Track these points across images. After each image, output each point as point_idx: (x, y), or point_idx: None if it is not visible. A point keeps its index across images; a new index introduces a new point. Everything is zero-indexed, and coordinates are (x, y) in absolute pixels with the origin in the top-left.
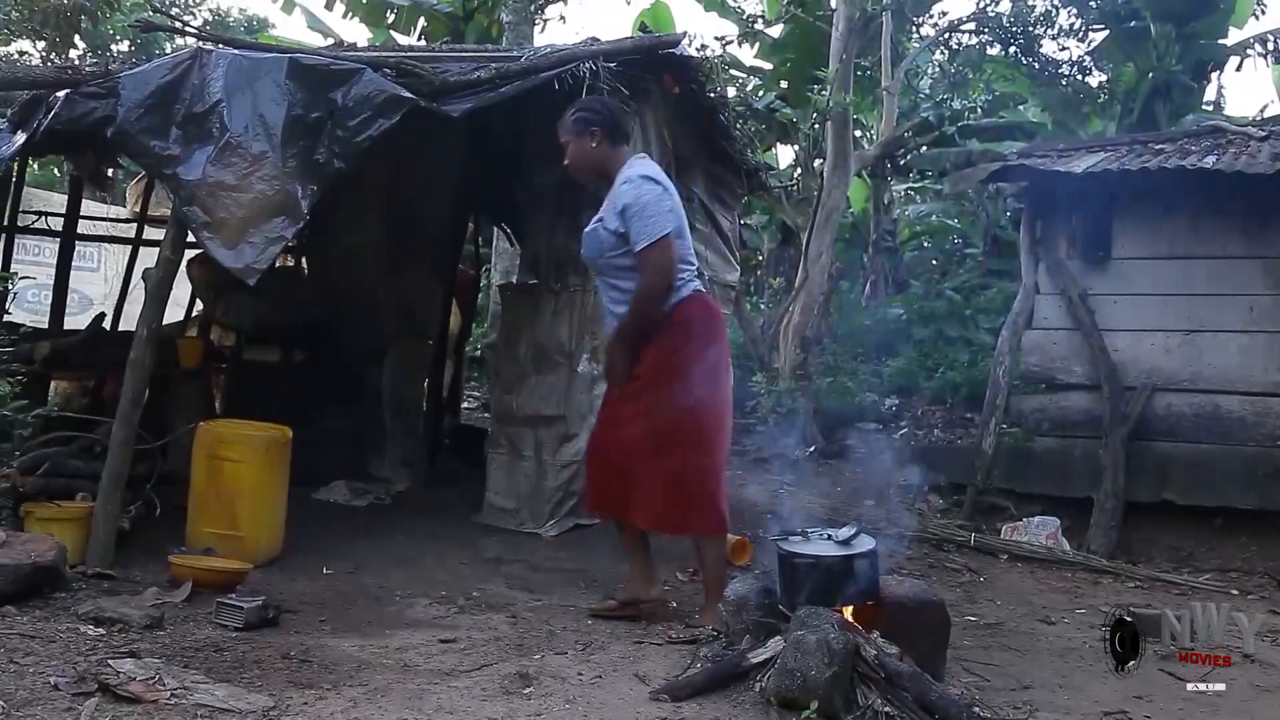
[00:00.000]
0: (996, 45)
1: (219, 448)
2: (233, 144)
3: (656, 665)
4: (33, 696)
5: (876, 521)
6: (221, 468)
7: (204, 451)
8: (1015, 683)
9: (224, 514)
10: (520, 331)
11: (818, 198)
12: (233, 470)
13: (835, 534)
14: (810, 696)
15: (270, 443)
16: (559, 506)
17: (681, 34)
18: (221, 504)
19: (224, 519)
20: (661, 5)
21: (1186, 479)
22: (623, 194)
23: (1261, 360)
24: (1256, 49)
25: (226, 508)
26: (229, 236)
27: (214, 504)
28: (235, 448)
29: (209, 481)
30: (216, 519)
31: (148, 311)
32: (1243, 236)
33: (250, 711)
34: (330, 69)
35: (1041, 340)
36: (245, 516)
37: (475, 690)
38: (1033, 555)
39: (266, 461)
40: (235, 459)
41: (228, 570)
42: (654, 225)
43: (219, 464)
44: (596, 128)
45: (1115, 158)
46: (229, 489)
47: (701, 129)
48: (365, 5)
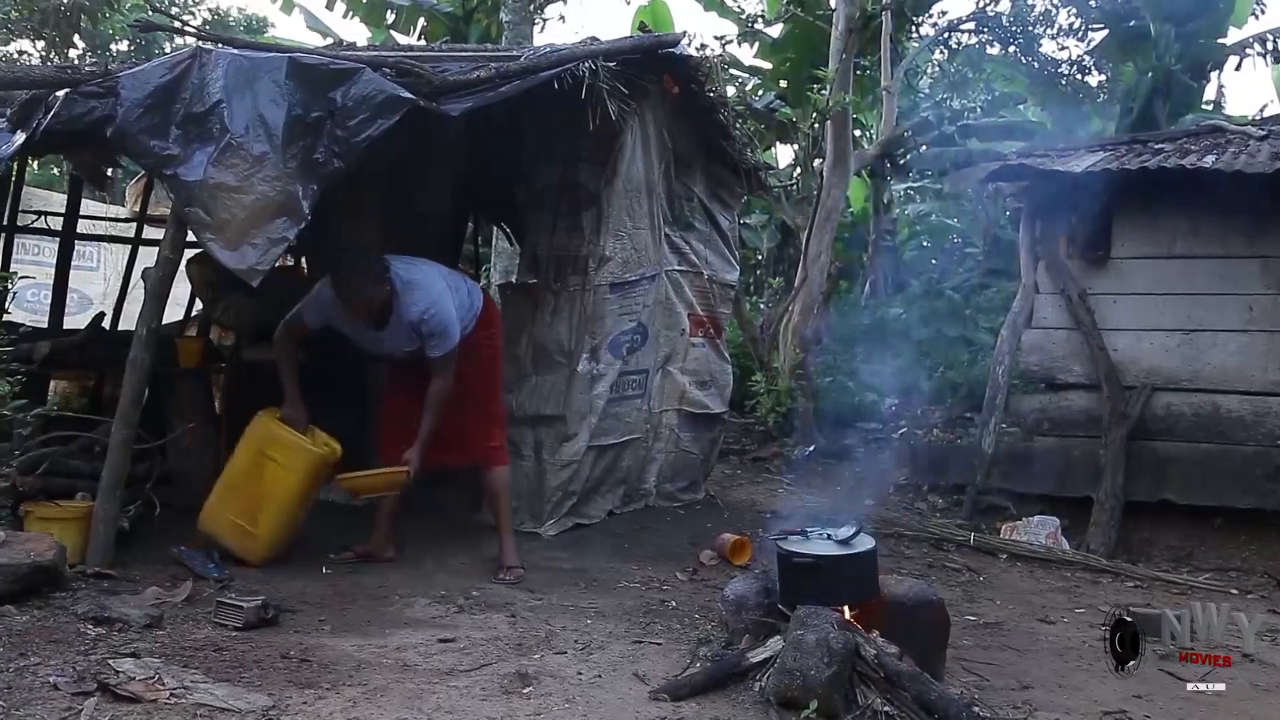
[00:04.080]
0: (996, 45)
1: (270, 445)
2: (234, 145)
3: (656, 665)
4: (32, 696)
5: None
6: (265, 466)
7: (255, 442)
8: (1015, 682)
9: (248, 508)
10: (520, 331)
11: (817, 197)
12: (274, 473)
13: (835, 533)
14: (810, 696)
15: (320, 461)
16: (558, 506)
17: (681, 33)
18: (250, 498)
19: (246, 513)
20: (661, 4)
21: (1186, 478)
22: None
23: (1261, 360)
24: (1256, 48)
25: (253, 503)
26: (231, 238)
27: (243, 495)
28: (286, 452)
29: (248, 473)
30: (239, 509)
31: (147, 311)
32: (1242, 236)
33: (250, 711)
34: (330, 69)
35: (1041, 340)
36: (267, 519)
37: (474, 690)
38: (1032, 555)
39: (309, 476)
40: (282, 464)
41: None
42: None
43: (264, 461)
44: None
45: (1115, 157)
46: (264, 489)
47: (701, 128)
48: (365, 5)
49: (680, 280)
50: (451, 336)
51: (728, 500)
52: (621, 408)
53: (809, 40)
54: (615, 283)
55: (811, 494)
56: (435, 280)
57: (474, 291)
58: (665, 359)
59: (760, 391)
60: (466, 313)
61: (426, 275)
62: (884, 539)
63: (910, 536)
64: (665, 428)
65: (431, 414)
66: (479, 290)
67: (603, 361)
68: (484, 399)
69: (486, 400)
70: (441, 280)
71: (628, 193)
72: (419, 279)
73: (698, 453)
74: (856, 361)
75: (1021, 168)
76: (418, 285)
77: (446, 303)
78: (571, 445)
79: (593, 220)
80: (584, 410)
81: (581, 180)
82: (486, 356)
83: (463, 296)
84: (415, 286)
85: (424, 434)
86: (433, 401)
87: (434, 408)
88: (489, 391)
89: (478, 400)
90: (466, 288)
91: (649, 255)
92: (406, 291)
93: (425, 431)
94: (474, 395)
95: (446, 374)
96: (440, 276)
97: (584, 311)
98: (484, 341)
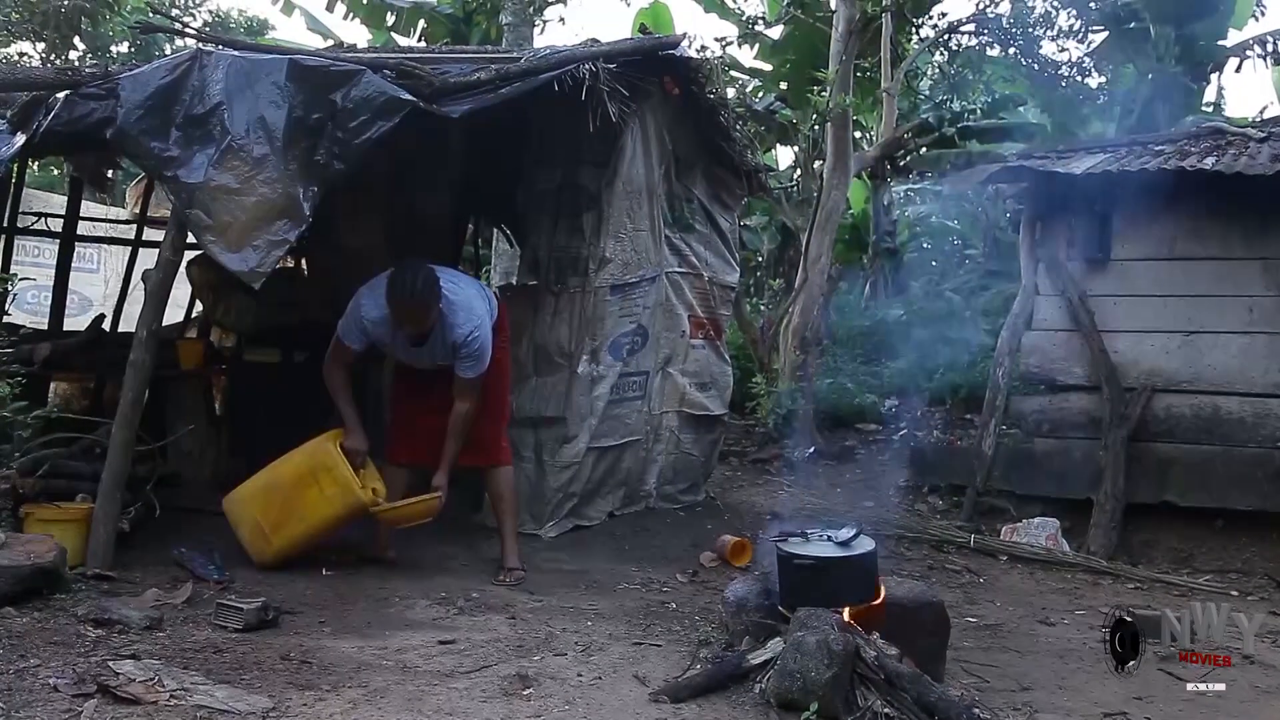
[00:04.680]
0: (996, 46)
1: (323, 473)
2: (234, 147)
3: (656, 666)
4: (32, 697)
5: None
6: (310, 488)
7: (311, 461)
8: (1015, 684)
9: (274, 517)
10: (520, 333)
11: (817, 199)
12: (315, 498)
13: (835, 535)
14: (810, 698)
15: (359, 506)
16: (559, 507)
17: (681, 35)
18: (282, 509)
19: (270, 520)
20: (661, 6)
21: (1186, 480)
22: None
23: (1261, 361)
24: (1256, 50)
25: (283, 515)
26: (232, 240)
27: (277, 503)
28: (335, 486)
29: (291, 485)
30: (268, 514)
31: (147, 313)
32: (1242, 238)
33: (250, 713)
34: (330, 70)
35: (1041, 341)
36: (288, 534)
37: (474, 691)
38: (1033, 556)
39: (347, 516)
40: (327, 494)
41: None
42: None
43: (311, 483)
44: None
45: (1115, 159)
46: (299, 508)
47: (701, 130)
48: (366, 7)
49: (680, 282)
50: (485, 360)
51: (728, 502)
52: (622, 409)
53: (809, 42)
54: (615, 284)
55: (812, 496)
56: (477, 301)
57: (492, 300)
58: (665, 361)
59: (760, 393)
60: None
61: (469, 295)
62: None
63: (910, 538)
64: (665, 429)
65: (456, 438)
66: (495, 297)
67: (603, 363)
68: (495, 401)
69: (497, 402)
70: (482, 301)
71: (628, 194)
72: (463, 299)
73: (698, 454)
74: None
75: (1022, 169)
76: (463, 306)
77: (488, 326)
78: (572, 447)
79: (593, 222)
80: (584, 412)
81: (582, 182)
82: (498, 359)
83: (489, 307)
84: (460, 308)
85: (449, 456)
86: (457, 423)
87: (458, 431)
88: (500, 394)
89: (489, 402)
90: (487, 295)
91: (649, 257)
92: (452, 312)
93: (450, 454)
94: (486, 398)
95: (473, 396)
96: (479, 295)
97: (584, 313)
98: (497, 345)
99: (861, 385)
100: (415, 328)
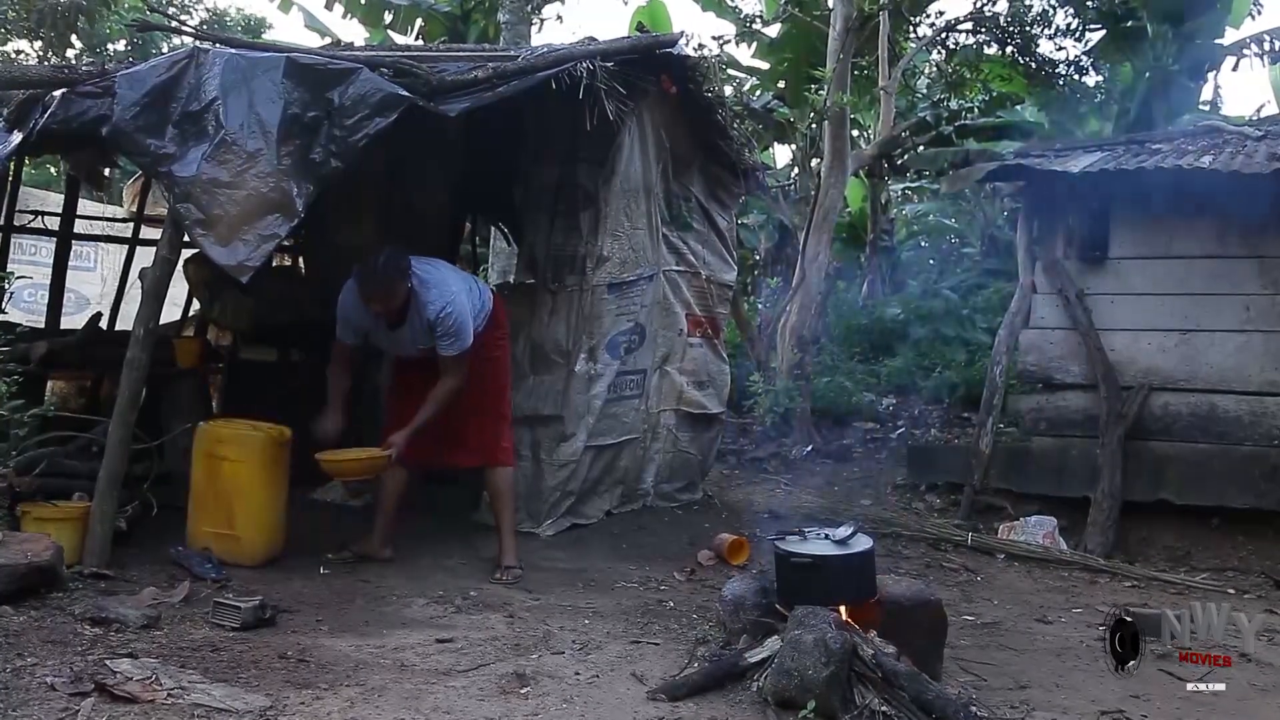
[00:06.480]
0: (993, 45)
1: (217, 447)
2: (228, 141)
3: (654, 665)
4: (29, 696)
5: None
6: (220, 467)
7: (203, 450)
8: (1012, 682)
9: (222, 513)
10: (517, 331)
11: (815, 197)
12: (231, 470)
13: (832, 533)
14: (807, 696)
15: (268, 442)
16: (556, 506)
17: (679, 34)
18: (220, 503)
19: (222, 518)
20: (658, 4)
21: (1183, 478)
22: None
23: (1258, 360)
24: (1253, 49)
25: (224, 507)
26: (222, 234)
27: (212, 503)
28: (232, 447)
29: (208, 481)
30: (215, 518)
31: (144, 311)
32: (1239, 236)
33: (247, 711)
34: (327, 68)
35: (1038, 340)
36: (242, 516)
37: (472, 690)
38: (1030, 555)
39: (264, 461)
40: (233, 458)
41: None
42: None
43: (217, 463)
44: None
45: (1112, 157)
46: (226, 488)
47: (699, 129)
48: (363, 5)
49: (678, 280)
50: (466, 336)
51: (725, 500)
52: (619, 408)
53: (807, 40)
54: (613, 283)
55: (809, 494)
56: (452, 280)
57: (485, 292)
58: (663, 359)
59: (758, 391)
60: (479, 313)
61: (443, 275)
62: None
63: (908, 536)
64: (663, 428)
65: (432, 405)
66: (489, 291)
67: (600, 361)
68: (494, 399)
69: (496, 400)
70: (458, 280)
71: (625, 193)
72: (436, 278)
73: (695, 453)
74: (854, 361)
75: (1019, 168)
76: (435, 284)
77: (463, 302)
78: (569, 445)
79: (590, 220)
80: (581, 410)
81: (579, 180)
82: (496, 357)
83: (476, 297)
84: (433, 285)
85: (417, 421)
86: (438, 395)
87: (437, 400)
88: (498, 391)
89: (488, 400)
90: (479, 288)
91: (646, 255)
92: (424, 290)
93: (419, 419)
94: (484, 395)
95: (458, 373)
96: (457, 277)
97: (581, 312)
98: (494, 342)
99: (859, 383)
100: (382, 306)
